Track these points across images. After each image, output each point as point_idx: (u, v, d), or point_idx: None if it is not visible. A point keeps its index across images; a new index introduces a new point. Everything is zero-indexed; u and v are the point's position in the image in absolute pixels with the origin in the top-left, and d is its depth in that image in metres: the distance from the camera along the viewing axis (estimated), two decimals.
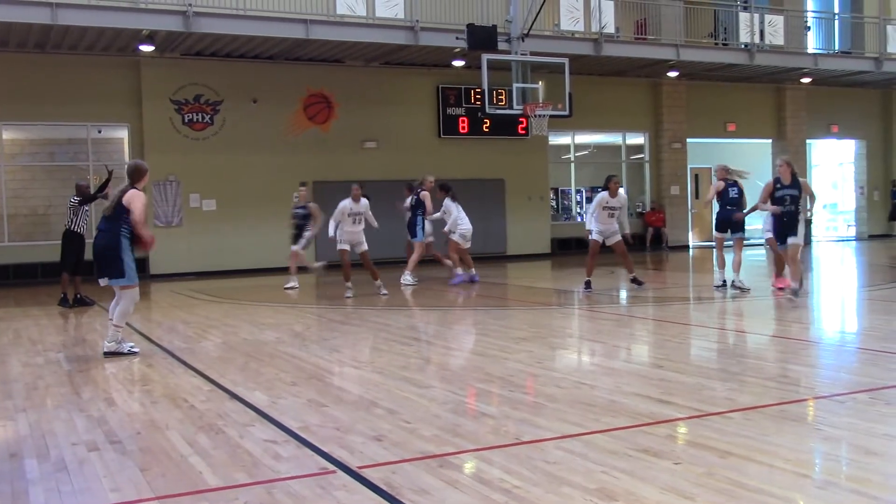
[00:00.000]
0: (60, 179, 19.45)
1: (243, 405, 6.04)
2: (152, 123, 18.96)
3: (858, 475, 4.20)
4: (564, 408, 5.66)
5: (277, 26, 17.56)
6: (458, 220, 14.78)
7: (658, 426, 5.10)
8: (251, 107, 19.71)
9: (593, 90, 22.40)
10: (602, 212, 13.08)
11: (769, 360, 7.36)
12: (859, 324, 10.34)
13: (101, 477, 4.46)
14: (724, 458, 4.41)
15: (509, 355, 7.84)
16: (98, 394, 6.60)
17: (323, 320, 11.21)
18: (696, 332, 9.49)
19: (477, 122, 21.79)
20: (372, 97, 20.81)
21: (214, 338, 9.70)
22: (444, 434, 5.06)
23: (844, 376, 6.80)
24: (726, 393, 5.99)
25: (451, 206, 14.83)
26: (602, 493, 3.92)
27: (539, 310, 12.08)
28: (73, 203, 13.07)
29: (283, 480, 4.29)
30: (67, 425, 5.59)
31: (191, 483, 4.31)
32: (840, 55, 25.28)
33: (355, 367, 7.64)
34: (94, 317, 12.10)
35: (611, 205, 12.94)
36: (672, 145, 24.71)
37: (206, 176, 19.32)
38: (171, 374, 7.46)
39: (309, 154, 20.21)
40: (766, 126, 26.35)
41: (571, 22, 20.18)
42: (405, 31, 18.47)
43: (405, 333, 9.65)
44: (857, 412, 5.38)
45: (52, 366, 7.99)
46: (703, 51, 22.59)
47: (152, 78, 18.87)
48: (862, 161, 28.42)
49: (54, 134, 19.36)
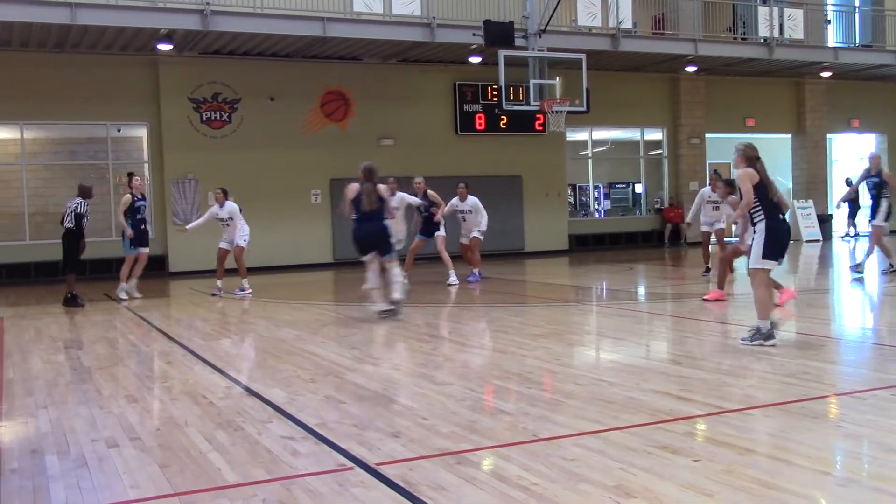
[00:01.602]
0: (81, 178, 19.54)
1: (261, 402, 6.06)
2: (171, 122, 19.05)
3: (880, 472, 4.17)
4: (582, 405, 5.64)
5: (294, 24, 17.59)
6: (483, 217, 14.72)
7: (677, 423, 5.07)
8: (269, 105, 19.76)
9: (611, 86, 22.30)
10: (706, 205, 14.20)
11: (789, 357, 7.30)
12: (880, 319, 10.25)
13: (121, 473, 4.49)
14: (743, 455, 4.38)
15: (527, 352, 7.82)
16: (118, 391, 6.64)
17: (341, 317, 11.23)
18: (716, 328, 9.43)
19: (494, 119, 21.75)
20: (389, 94, 20.82)
21: (233, 335, 9.74)
22: (461, 431, 5.06)
23: (865, 372, 6.74)
24: (746, 389, 5.95)
25: (479, 204, 14.76)
26: (620, 491, 3.90)
27: (557, 306, 12.05)
28: (77, 205, 13.13)
29: (301, 477, 4.31)
30: (88, 422, 5.63)
31: (210, 480, 4.33)
32: (861, 49, 25.02)
33: (373, 363, 7.65)
34: (115, 314, 12.18)
35: (713, 199, 13.96)
36: (690, 141, 24.57)
37: (225, 174, 19.34)
38: (191, 371, 7.50)
39: (326, 151, 20.25)
40: (786, 121, 26.15)
41: (589, 17, 20.09)
42: (422, 27, 18.45)
43: (422, 330, 9.65)
44: (879, 409, 5.34)
45: (72, 363, 8.05)
46: (721, 45, 22.44)
47: (170, 77, 18.97)
48: (883, 155, 28.06)
49: (74, 133, 19.49)
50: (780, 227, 7.61)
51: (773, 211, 7.54)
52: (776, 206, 7.59)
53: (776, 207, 7.58)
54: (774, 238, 7.51)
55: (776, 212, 7.58)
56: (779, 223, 7.59)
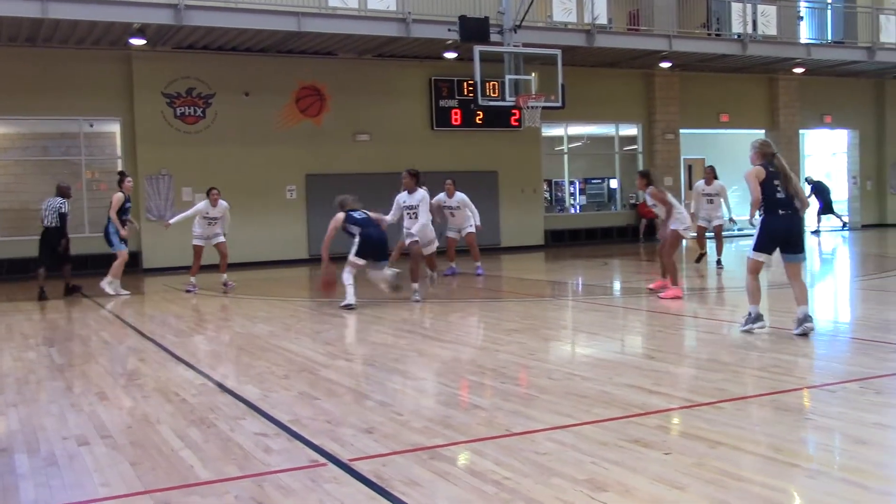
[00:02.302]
0: (53, 174, 19.32)
1: (235, 398, 6.03)
2: (144, 117, 18.89)
3: (849, 464, 4.22)
4: (556, 399, 5.66)
5: (269, 19, 17.50)
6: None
7: (649, 417, 5.10)
8: (243, 100, 19.64)
9: (586, 81, 22.36)
10: (701, 199, 14.74)
11: (761, 350, 7.37)
12: (851, 313, 10.37)
13: (92, 471, 4.45)
14: (714, 448, 4.42)
15: (501, 347, 7.84)
16: (90, 388, 6.58)
17: (315, 314, 11.20)
18: (689, 322, 9.50)
19: (470, 114, 21.74)
20: (364, 90, 20.76)
21: (207, 331, 9.69)
22: (435, 426, 5.06)
23: (836, 366, 6.82)
24: (717, 383, 5.99)
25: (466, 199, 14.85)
26: (592, 484, 3.92)
27: (532, 301, 12.08)
28: (61, 205, 13.63)
29: (274, 473, 4.29)
30: (58, 420, 5.58)
31: (181, 477, 4.31)
32: (833, 45, 25.26)
33: (347, 359, 7.64)
34: (87, 311, 12.07)
35: (707, 192, 14.49)
36: (665, 136, 24.69)
37: (199, 169, 19.26)
38: (163, 368, 7.45)
39: (301, 147, 20.16)
40: (760, 116, 26.34)
41: (564, 13, 20.12)
42: (397, 23, 18.41)
43: (397, 326, 9.64)
44: (848, 402, 5.40)
45: (43, 360, 7.98)
46: (695, 41, 22.56)
47: (144, 71, 18.80)
48: (855, 151, 28.45)
49: (46, 128, 19.26)
50: (775, 224, 7.75)
51: (772, 207, 7.72)
52: (778, 202, 7.71)
53: (777, 204, 7.71)
54: (767, 233, 7.75)
55: (776, 208, 7.72)
56: (775, 220, 7.73)
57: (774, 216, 7.73)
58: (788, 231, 7.80)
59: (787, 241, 7.78)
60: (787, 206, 7.74)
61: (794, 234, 7.84)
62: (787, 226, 7.78)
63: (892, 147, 28.34)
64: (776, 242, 7.81)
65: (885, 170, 28.43)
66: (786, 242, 7.79)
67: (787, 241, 7.78)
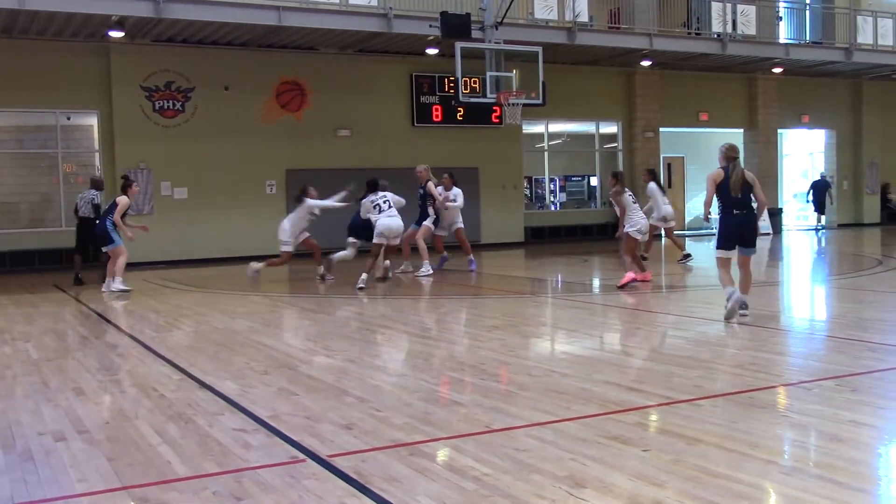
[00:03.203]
0: (30, 167, 19.20)
1: (213, 394, 6.00)
2: (122, 110, 18.73)
3: (824, 461, 4.26)
4: (535, 396, 5.68)
5: (249, 13, 17.39)
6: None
7: (628, 414, 5.13)
8: (223, 94, 19.53)
9: (567, 79, 22.41)
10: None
11: (739, 348, 7.42)
12: (828, 312, 10.47)
13: (68, 467, 4.42)
14: (692, 444, 4.45)
15: (481, 343, 7.85)
16: (66, 383, 6.53)
17: (295, 308, 11.17)
18: (668, 320, 9.55)
19: (451, 111, 21.73)
20: (345, 85, 20.70)
21: (185, 327, 9.63)
22: (414, 422, 5.06)
23: (812, 364, 6.88)
24: (695, 380, 6.03)
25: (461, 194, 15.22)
26: (571, 481, 3.94)
27: (512, 298, 12.10)
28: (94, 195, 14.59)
29: (253, 469, 4.27)
30: (34, 415, 5.53)
31: (159, 473, 4.28)
32: (811, 45, 25.47)
33: (327, 355, 7.62)
34: (64, 305, 11.98)
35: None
36: (645, 134, 24.80)
37: (178, 164, 19.14)
38: (142, 363, 7.41)
39: (282, 142, 20.08)
40: (739, 116, 26.52)
41: (545, 10, 20.17)
42: (378, 18, 18.37)
43: (378, 322, 9.63)
44: (824, 399, 5.45)
45: (19, 355, 7.90)
46: (676, 40, 22.66)
47: (122, 64, 18.64)
48: (832, 151, 28.70)
49: (22, 121, 19.06)
50: (730, 222, 8.55)
51: (727, 207, 8.54)
52: (734, 203, 8.49)
53: (732, 205, 8.49)
54: (723, 231, 8.65)
55: (731, 208, 8.51)
56: (730, 218, 8.54)
57: (729, 215, 8.53)
58: (741, 228, 8.54)
59: (741, 237, 8.57)
60: (742, 207, 8.51)
61: (747, 230, 8.60)
62: (740, 223, 8.52)
63: (868, 147, 28.62)
64: (733, 239, 8.59)
65: (862, 170, 28.70)
66: (740, 238, 8.58)
67: (742, 237, 8.58)
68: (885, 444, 4.59)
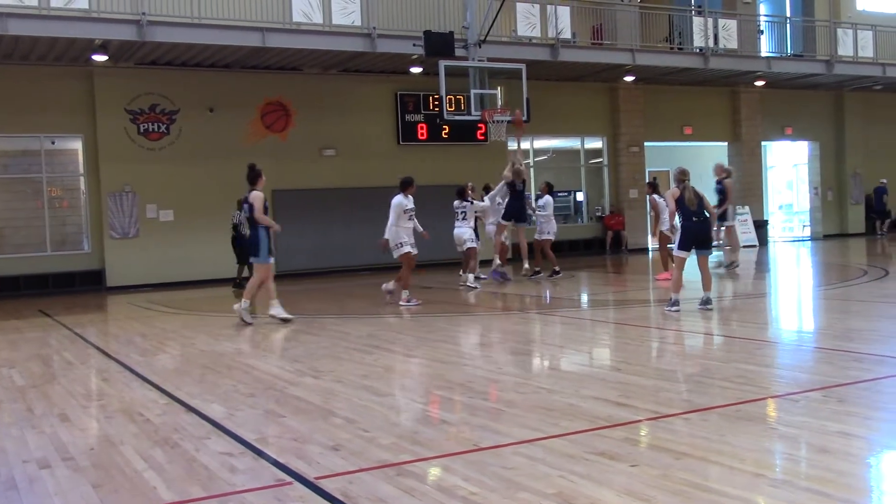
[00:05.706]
0: (14, 192, 19.11)
1: (200, 418, 5.96)
2: (107, 134, 18.70)
3: (812, 473, 4.26)
4: (523, 413, 5.66)
5: (233, 34, 17.41)
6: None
7: (615, 429, 5.12)
8: (208, 116, 19.52)
9: (551, 95, 22.52)
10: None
11: (726, 361, 7.43)
12: (814, 323, 10.50)
13: (53, 495, 4.37)
14: (680, 459, 4.44)
15: (469, 361, 7.84)
16: (51, 410, 6.47)
17: (282, 330, 11.11)
18: (655, 334, 9.56)
19: (436, 129, 21.78)
20: (330, 105, 20.73)
21: (171, 350, 9.58)
22: (402, 442, 5.04)
23: (799, 375, 6.89)
24: (683, 394, 6.03)
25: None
26: (560, 498, 3.92)
27: (499, 315, 12.09)
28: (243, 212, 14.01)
29: (239, 493, 4.24)
30: (18, 442, 5.48)
31: (145, 499, 4.24)
32: (792, 58, 25.68)
33: (314, 376, 7.58)
34: (49, 330, 11.89)
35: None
36: (630, 149, 24.91)
37: (163, 186, 19.10)
38: (127, 387, 7.35)
39: (267, 162, 19.88)
40: (722, 129, 26.68)
41: (528, 27, 20.28)
42: (362, 38, 18.42)
43: (365, 341, 9.60)
44: (811, 410, 5.45)
45: (4, 381, 7.83)
46: (658, 55, 22.82)
47: (106, 88, 18.62)
48: (815, 162, 28.90)
49: (7, 146, 18.98)
50: (689, 227, 10.34)
51: (687, 216, 10.37)
52: (691, 213, 10.31)
53: (690, 214, 10.31)
54: (685, 235, 10.38)
55: (690, 217, 10.33)
56: (690, 224, 10.34)
57: (689, 222, 10.34)
58: (698, 232, 10.34)
59: (698, 239, 10.36)
60: (698, 215, 10.32)
61: (703, 235, 10.42)
62: (697, 228, 10.32)
63: (851, 158, 28.82)
64: (691, 242, 10.35)
65: (846, 180, 28.90)
66: (698, 241, 10.36)
67: (699, 240, 10.37)
68: (872, 455, 4.60)
